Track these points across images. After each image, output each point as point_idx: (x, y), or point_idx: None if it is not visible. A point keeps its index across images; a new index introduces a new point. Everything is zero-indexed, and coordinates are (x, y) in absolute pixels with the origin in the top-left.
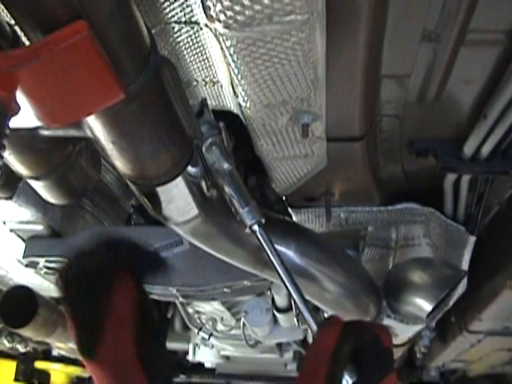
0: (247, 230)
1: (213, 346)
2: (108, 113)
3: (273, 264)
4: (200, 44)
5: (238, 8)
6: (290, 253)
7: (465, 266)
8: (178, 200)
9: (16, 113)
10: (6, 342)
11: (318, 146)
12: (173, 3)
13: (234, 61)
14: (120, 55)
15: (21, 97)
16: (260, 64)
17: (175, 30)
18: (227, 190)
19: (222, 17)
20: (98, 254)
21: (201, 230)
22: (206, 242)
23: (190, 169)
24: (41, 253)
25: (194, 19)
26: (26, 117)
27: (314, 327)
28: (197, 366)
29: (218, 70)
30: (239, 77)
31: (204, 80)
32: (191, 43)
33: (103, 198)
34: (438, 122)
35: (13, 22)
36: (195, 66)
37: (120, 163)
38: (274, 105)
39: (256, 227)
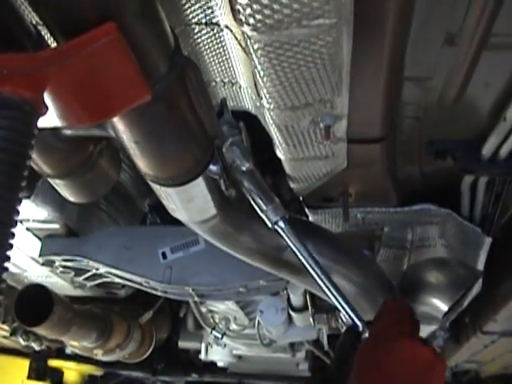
0: (272, 227)
1: (225, 346)
2: (132, 113)
3: (300, 259)
4: (220, 45)
5: (267, 12)
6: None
7: (480, 266)
8: (197, 199)
9: (44, 113)
10: (21, 340)
11: (338, 147)
12: (194, 5)
13: (260, 63)
14: (146, 56)
15: (49, 97)
16: (286, 67)
17: (195, 31)
18: (249, 188)
19: (251, 20)
20: None
21: (219, 229)
22: (223, 241)
23: (211, 168)
24: (57, 251)
25: (214, 21)
26: (53, 117)
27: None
28: (209, 365)
29: (236, 71)
30: (265, 79)
31: (223, 81)
32: (211, 44)
33: (119, 198)
34: (457, 124)
35: (37, 23)
36: (214, 67)
37: (142, 163)
38: (298, 107)
39: (281, 223)
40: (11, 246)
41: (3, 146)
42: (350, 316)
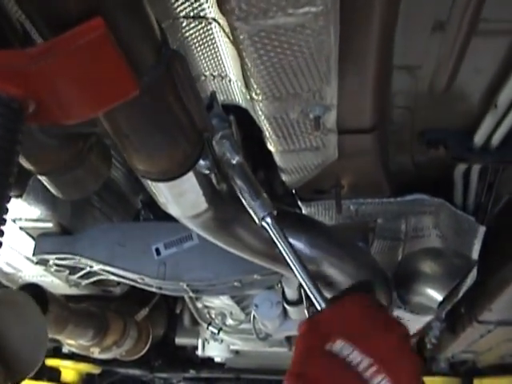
0: (259, 223)
1: (222, 341)
2: (120, 107)
3: (285, 257)
4: (208, 39)
5: (252, 1)
6: (300, 245)
7: (475, 255)
8: (188, 194)
9: (31, 110)
10: None
11: (329, 138)
12: None
13: (247, 54)
14: (133, 49)
15: (36, 94)
16: (273, 56)
17: (184, 24)
18: (238, 182)
19: (236, 10)
20: None
21: (211, 224)
22: (216, 236)
23: (201, 162)
24: (51, 250)
25: (202, 14)
26: (40, 113)
27: None
28: (206, 361)
29: (226, 65)
30: (252, 70)
31: (212, 74)
32: (199, 38)
33: (112, 195)
34: (448, 113)
35: (23, 19)
36: (204, 61)
37: (132, 157)
38: (286, 97)
39: (268, 219)
40: (0, 244)
41: None
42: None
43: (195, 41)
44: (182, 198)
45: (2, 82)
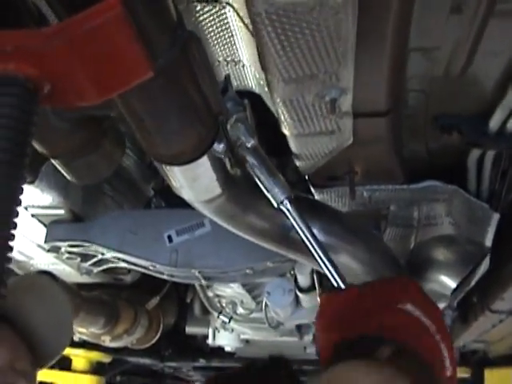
0: (277, 206)
1: (232, 330)
2: (135, 89)
3: (304, 240)
4: (222, 23)
5: None
6: (314, 231)
7: (488, 243)
8: (202, 178)
9: (47, 91)
10: None
11: (344, 121)
12: None
13: (264, 33)
14: (148, 31)
15: (52, 74)
16: (290, 36)
17: (198, 8)
18: (254, 166)
19: None
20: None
21: (224, 209)
22: (229, 221)
23: (215, 146)
24: (62, 237)
25: None
26: (56, 94)
27: None
28: (216, 350)
29: (239, 50)
30: (269, 50)
31: (226, 60)
32: (213, 22)
33: (123, 183)
34: (463, 97)
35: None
36: (217, 46)
37: (147, 141)
38: (303, 79)
39: (287, 203)
40: (15, 226)
41: (6, 124)
42: None
43: (209, 25)
44: (195, 182)
45: (17, 62)
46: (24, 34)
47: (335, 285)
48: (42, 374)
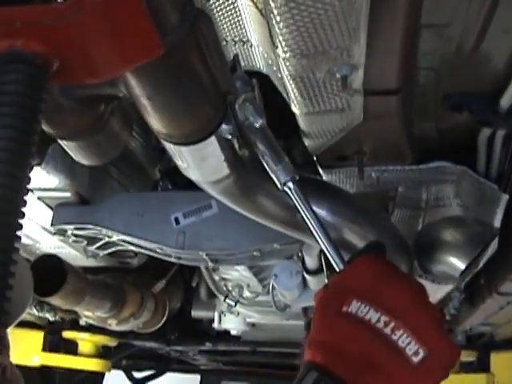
0: (281, 187)
1: (238, 314)
2: (144, 67)
3: (306, 222)
4: (230, 2)
5: None
6: (322, 212)
7: (497, 224)
8: (210, 159)
9: (56, 67)
10: (35, 310)
11: (354, 99)
12: None
13: (276, 7)
14: (158, 7)
15: (60, 51)
16: (303, 10)
17: None
18: (260, 147)
19: None
20: None
21: (232, 190)
22: (237, 202)
23: (224, 126)
24: (69, 220)
25: None
26: (64, 72)
27: None
28: (222, 334)
29: (248, 29)
30: (281, 25)
31: (233, 40)
32: (221, 1)
33: (129, 166)
34: (474, 75)
35: None
36: (225, 25)
37: (155, 120)
38: (314, 55)
39: (290, 184)
40: (23, 214)
41: (15, 101)
42: None
43: (217, 4)
44: (203, 162)
45: (26, 38)
46: (34, 10)
47: (336, 268)
48: (48, 359)
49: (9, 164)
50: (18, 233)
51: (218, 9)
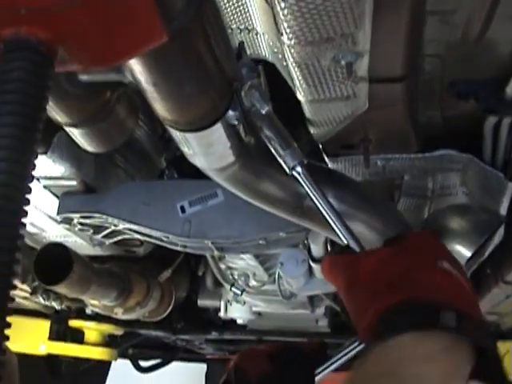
0: (289, 172)
1: (244, 303)
2: (149, 53)
3: (317, 205)
4: None
5: None
6: (328, 199)
7: (503, 212)
8: (216, 145)
9: (60, 55)
10: (41, 299)
11: (359, 87)
12: None
13: None
14: None
15: (65, 38)
16: None
17: None
18: (267, 133)
19: None
20: None
21: (238, 177)
22: (243, 189)
23: (230, 113)
24: (75, 209)
25: None
26: (66, 59)
27: None
28: (228, 323)
29: (253, 17)
30: (285, 11)
31: (239, 27)
32: None
33: (135, 154)
34: (480, 63)
35: None
36: (230, 13)
37: (161, 107)
38: (319, 42)
39: (299, 168)
40: (28, 201)
41: (19, 88)
42: None
43: None
44: (209, 149)
45: (30, 25)
46: None
47: (352, 248)
48: (55, 347)
49: (13, 151)
50: (23, 220)
51: None
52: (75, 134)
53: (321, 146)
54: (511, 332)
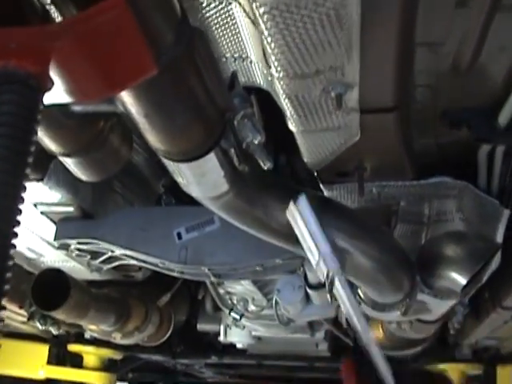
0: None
1: (244, 327)
2: (140, 85)
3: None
4: (229, 19)
5: None
6: (323, 227)
7: (499, 239)
8: (210, 175)
9: (50, 88)
10: (38, 324)
11: (351, 117)
12: None
13: (267, 28)
14: (152, 27)
15: (55, 72)
16: (294, 31)
17: (204, 5)
18: (261, 162)
19: None
20: None
21: (232, 205)
22: (237, 217)
23: (223, 143)
24: (72, 235)
25: None
26: (59, 92)
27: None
28: (228, 347)
29: (247, 46)
30: (272, 45)
31: (233, 56)
32: (220, 19)
33: (133, 180)
34: (471, 92)
35: None
36: (224, 42)
37: (153, 137)
38: (308, 75)
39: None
40: (19, 223)
41: (9, 121)
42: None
43: (216, 21)
44: (203, 178)
45: (19, 58)
46: (27, 32)
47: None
48: (54, 372)
49: (2, 185)
50: (14, 241)
51: (217, 26)
52: (69, 163)
53: (316, 174)
54: (511, 356)
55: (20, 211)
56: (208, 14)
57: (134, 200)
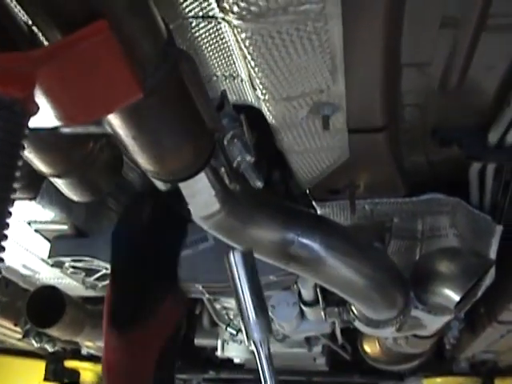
0: None
1: (241, 342)
2: (127, 108)
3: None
4: (218, 38)
5: None
6: (315, 245)
7: (493, 255)
8: (200, 194)
9: (35, 113)
10: (33, 341)
11: (339, 137)
12: None
13: (250, 53)
14: (137, 51)
15: (40, 97)
16: (276, 55)
17: (193, 25)
18: (252, 182)
19: (235, 8)
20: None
21: (224, 224)
22: (229, 236)
23: (213, 162)
24: (66, 252)
25: (211, 14)
26: (44, 116)
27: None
28: (226, 362)
29: (237, 65)
30: (256, 69)
31: (224, 75)
32: (209, 38)
33: (127, 197)
34: (461, 111)
35: (30, 21)
36: (214, 61)
37: (142, 159)
38: (293, 97)
39: None
40: (6, 237)
41: None
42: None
43: (205, 41)
44: (193, 198)
45: (4, 84)
46: (11, 57)
47: None
48: None
49: None
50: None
51: (207, 44)
52: (60, 184)
53: (308, 191)
54: (509, 369)
55: (5, 237)
56: (197, 34)
57: None
